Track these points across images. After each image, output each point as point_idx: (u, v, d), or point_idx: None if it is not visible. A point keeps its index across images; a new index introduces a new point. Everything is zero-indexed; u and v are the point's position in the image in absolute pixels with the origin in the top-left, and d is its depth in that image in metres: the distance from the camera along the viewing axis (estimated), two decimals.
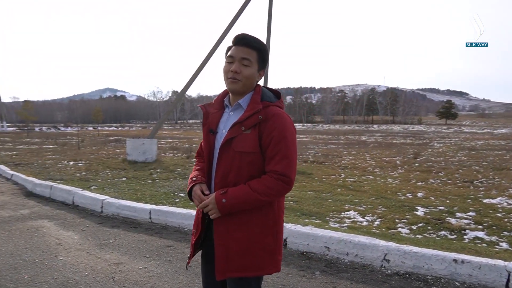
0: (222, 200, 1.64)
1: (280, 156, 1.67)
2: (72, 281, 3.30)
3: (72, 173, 9.33)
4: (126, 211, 5.40)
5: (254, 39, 1.75)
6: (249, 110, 1.72)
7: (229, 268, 1.69)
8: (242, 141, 1.68)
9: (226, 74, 1.75)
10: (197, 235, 1.83)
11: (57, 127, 63.09)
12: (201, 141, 1.94)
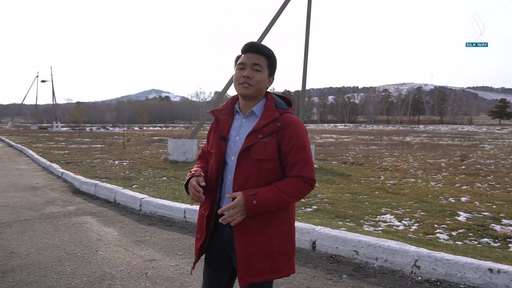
0: (253, 201, 1.65)
1: (304, 162, 1.74)
2: (108, 275, 3.49)
3: (117, 172, 9.75)
4: (162, 210, 5.59)
5: (263, 46, 1.82)
6: (265, 117, 1.75)
7: (249, 273, 1.71)
8: (261, 148, 1.71)
9: (237, 80, 1.78)
10: (201, 240, 1.84)
11: (106, 127, 66.18)
12: (204, 145, 2.02)
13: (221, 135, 1.81)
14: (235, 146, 1.77)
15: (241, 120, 1.83)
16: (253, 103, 1.81)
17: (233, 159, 1.76)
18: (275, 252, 1.74)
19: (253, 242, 1.71)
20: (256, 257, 1.71)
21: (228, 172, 1.78)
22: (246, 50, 1.79)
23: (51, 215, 5.60)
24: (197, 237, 1.88)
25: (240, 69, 1.78)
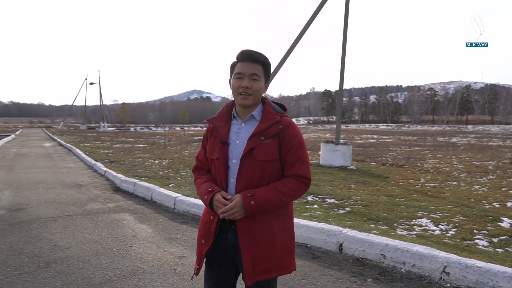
0: (251, 202, 1.72)
1: (301, 161, 1.83)
2: (140, 269, 3.63)
3: (156, 171, 10.07)
4: (195, 209, 5.73)
5: (260, 54, 1.85)
6: (266, 120, 1.82)
7: (255, 272, 1.77)
8: (263, 150, 1.78)
9: (236, 90, 1.83)
10: (208, 245, 1.86)
11: (149, 127, 68.42)
12: (198, 155, 2.04)
13: (222, 140, 1.85)
14: (236, 149, 1.83)
15: (239, 124, 1.89)
16: (252, 109, 1.88)
17: (235, 162, 1.82)
18: (279, 250, 1.81)
19: (258, 241, 1.77)
20: (261, 256, 1.77)
21: (230, 175, 1.83)
22: (243, 59, 1.83)
23: (92, 212, 5.91)
24: (201, 242, 1.90)
25: (238, 79, 1.83)
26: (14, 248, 4.21)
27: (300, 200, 6.35)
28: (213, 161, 1.89)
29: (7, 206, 6.26)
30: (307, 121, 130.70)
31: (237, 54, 1.86)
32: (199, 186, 1.93)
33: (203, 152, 2.01)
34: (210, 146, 1.92)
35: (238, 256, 1.81)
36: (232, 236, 1.82)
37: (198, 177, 2.01)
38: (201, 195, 1.89)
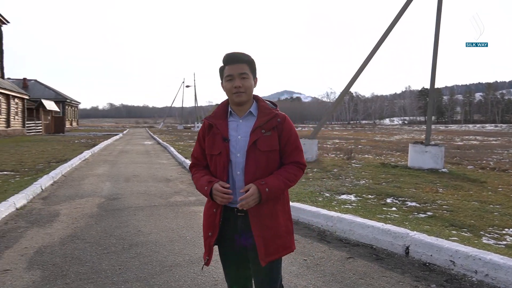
0: (266, 189, 1.87)
1: (298, 150, 2.04)
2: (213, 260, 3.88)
3: None
4: None
5: (243, 54, 1.99)
6: (264, 115, 1.99)
7: (267, 253, 1.93)
8: (266, 141, 1.94)
9: (230, 91, 1.97)
10: (214, 236, 2.00)
11: None
12: (194, 152, 2.16)
13: (223, 137, 1.97)
14: (238, 144, 1.97)
15: (238, 121, 2.03)
16: (247, 106, 2.03)
17: (239, 156, 1.95)
18: (283, 231, 1.99)
19: (267, 225, 1.94)
20: (271, 238, 1.94)
21: (236, 169, 1.96)
22: (229, 61, 1.97)
23: (175, 203, 6.42)
24: (208, 235, 2.03)
25: (230, 80, 1.97)
26: (106, 231, 4.80)
27: (377, 201, 6.12)
28: (214, 156, 2.00)
29: (107, 195, 7.10)
30: (402, 121, 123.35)
31: (223, 58, 1.99)
32: (198, 180, 2.04)
33: (199, 150, 2.12)
34: (209, 143, 2.02)
35: (249, 241, 1.96)
36: (242, 222, 1.97)
37: (196, 172, 2.12)
38: (200, 187, 2.00)
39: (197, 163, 2.16)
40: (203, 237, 2.10)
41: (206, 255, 2.07)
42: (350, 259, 3.85)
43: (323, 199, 6.34)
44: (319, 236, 4.66)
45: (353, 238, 4.45)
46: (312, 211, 5.14)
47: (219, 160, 1.98)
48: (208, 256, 2.06)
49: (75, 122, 57.96)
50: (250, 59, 2.00)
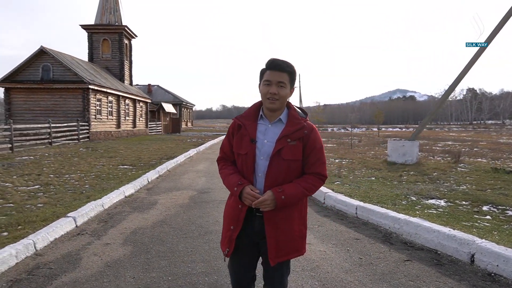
0: (282, 197, 1.96)
1: (321, 162, 2.09)
2: None
3: (332, 169, 10.48)
4: (340, 205, 5.95)
5: (286, 63, 2.03)
6: (293, 125, 2.04)
7: (278, 255, 2.03)
8: (290, 151, 2.01)
9: (265, 95, 2.04)
10: (237, 230, 2.08)
11: (346, 128, 69.36)
12: (223, 147, 2.24)
13: (251, 138, 2.05)
14: (263, 148, 2.04)
15: (267, 125, 2.09)
16: (278, 112, 2.09)
17: (262, 159, 2.03)
18: (296, 236, 2.08)
19: (281, 229, 2.03)
20: (283, 241, 2.03)
21: (258, 170, 2.04)
22: (271, 67, 2.03)
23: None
24: (230, 228, 2.11)
25: (267, 85, 2.03)
26: (190, 219, 5.45)
27: (470, 208, 5.69)
28: (241, 155, 2.09)
29: (199, 189, 7.91)
30: None
31: (266, 62, 2.06)
32: (227, 176, 2.14)
33: (228, 145, 2.21)
34: (236, 142, 2.12)
35: (263, 241, 2.06)
36: (259, 223, 2.06)
37: (224, 167, 2.21)
38: (229, 185, 2.10)
39: (225, 158, 2.25)
40: (222, 229, 2.21)
41: (226, 246, 2.14)
42: (407, 262, 3.79)
43: (407, 202, 6.13)
44: (384, 237, 4.62)
45: (419, 242, 4.32)
46: (381, 213, 5.09)
47: (245, 160, 2.06)
48: (228, 248, 2.12)
49: (190, 123, 63.35)
50: (291, 70, 2.04)
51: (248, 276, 2.22)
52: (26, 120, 22.85)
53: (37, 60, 23.39)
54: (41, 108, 23.54)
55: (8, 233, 4.41)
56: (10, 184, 7.85)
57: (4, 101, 23.77)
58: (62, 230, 4.70)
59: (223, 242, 2.17)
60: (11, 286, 3.27)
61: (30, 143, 16.50)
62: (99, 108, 25.44)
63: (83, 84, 22.92)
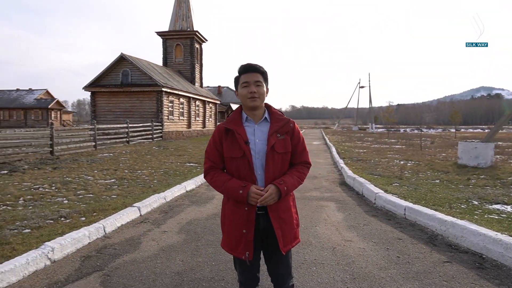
0: (284, 188, 2.14)
1: (305, 151, 2.36)
2: (307, 242, 4.45)
3: (395, 170, 10.21)
4: (389, 205, 5.91)
5: (259, 65, 2.24)
6: (278, 121, 2.26)
7: (285, 243, 2.21)
8: (281, 144, 2.22)
9: (245, 96, 2.21)
10: (251, 231, 2.17)
11: (420, 128, 65.63)
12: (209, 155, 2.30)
13: (245, 140, 2.18)
14: (257, 146, 2.19)
15: (253, 126, 2.25)
16: (260, 112, 2.28)
17: (258, 158, 2.18)
18: (295, 224, 2.31)
19: (284, 219, 2.22)
20: (287, 230, 2.23)
21: (257, 169, 2.18)
22: (246, 70, 2.22)
23: (308, 197, 7.04)
24: (242, 232, 2.17)
25: (245, 87, 2.21)
26: None
27: None
28: (235, 159, 2.19)
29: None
30: None
31: (239, 68, 2.25)
32: (225, 182, 2.18)
33: (216, 153, 2.27)
34: (227, 146, 2.21)
35: (270, 236, 2.21)
36: (263, 220, 2.20)
37: (217, 175, 2.25)
38: (231, 189, 2.15)
39: (214, 166, 2.29)
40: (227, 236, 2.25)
41: (244, 250, 2.18)
42: (446, 263, 3.76)
43: (467, 206, 5.89)
44: (428, 239, 4.57)
45: (464, 245, 4.22)
46: (428, 214, 5.00)
47: (242, 162, 2.17)
48: (248, 251, 2.17)
49: None
50: (263, 70, 2.25)
51: (255, 272, 2.34)
52: (108, 120, 25.16)
53: (118, 66, 25.63)
54: (120, 109, 25.75)
55: (85, 218, 5.11)
56: (91, 177, 8.86)
57: (90, 103, 26.43)
58: (128, 218, 5.34)
59: (237, 247, 2.21)
60: (83, 260, 3.87)
61: (110, 142, 18.17)
62: (171, 109, 27.12)
63: (157, 87, 24.64)
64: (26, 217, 5.13)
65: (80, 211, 5.47)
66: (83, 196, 6.66)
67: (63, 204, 6.02)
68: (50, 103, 57.45)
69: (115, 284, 3.32)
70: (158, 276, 3.50)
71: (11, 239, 4.17)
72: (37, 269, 3.58)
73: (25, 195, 6.65)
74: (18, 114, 57.06)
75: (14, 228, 4.59)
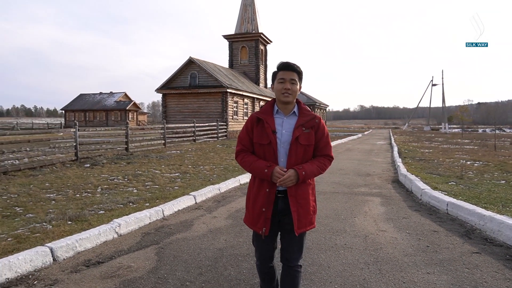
0: (302, 173, 2.36)
1: (329, 145, 2.54)
2: (342, 230, 4.74)
3: (454, 169, 9.91)
4: (433, 201, 5.96)
5: (296, 65, 2.47)
6: (305, 116, 2.47)
7: (299, 226, 2.42)
8: (305, 137, 2.43)
9: (280, 91, 2.44)
10: (270, 210, 2.42)
11: (502, 129, 60.45)
12: (242, 140, 2.57)
13: (272, 130, 2.42)
14: (283, 136, 2.44)
15: (283, 118, 2.49)
16: (290, 106, 2.50)
17: (283, 147, 2.43)
18: (311, 210, 2.48)
19: (301, 204, 2.43)
20: (303, 214, 2.44)
21: (280, 156, 2.43)
22: (284, 68, 2.46)
23: (355, 192, 7.23)
24: (262, 210, 2.43)
25: (281, 83, 2.44)
26: None
27: None
28: (263, 145, 2.46)
29: None
30: None
31: (278, 65, 2.48)
32: (253, 162, 2.46)
33: (247, 138, 2.55)
34: (257, 134, 2.48)
35: (286, 217, 2.44)
36: (282, 202, 2.44)
37: (246, 156, 2.53)
38: (258, 168, 2.42)
39: (244, 149, 2.57)
40: (250, 212, 2.51)
41: (262, 226, 2.45)
42: (475, 254, 3.86)
43: None
44: (465, 232, 4.63)
45: (500, 239, 4.23)
46: (468, 209, 5.03)
47: (268, 149, 2.43)
48: (265, 227, 2.44)
49: None
50: (300, 71, 2.47)
51: (271, 248, 2.58)
52: (178, 120, 26.87)
53: (186, 69, 27.27)
54: (189, 110, 27.35)
55: (149, 204, 5.86)
56: (159, 171, 9.80)
57: (162, 104, 28.42)
58: (184, 204, 6.02)
59: (256, 222, 2.47)
60: (143, 236, 4.55)
61: (178, 140, 19.47)
62: (236, 110, 28.19)
63: (222, 88, 25.81)
64: (102, 202, 6.01)
65: (146, 199, 6.25)
66: (150, 187, 7.49)
67: (132, 192, 6.87)
68: (128, 105, 62.30)
69: (167, 255, 3.92)
70: (203, 250, 4.05)
71: (89, 217, 5.00)
72: (106, 240, 4.34)
73: (102, 184, 7.66)
74: (101, 115, 62.68)
75: (92, 210, 5.45)
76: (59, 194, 6.68)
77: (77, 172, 9.49)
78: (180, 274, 3.43)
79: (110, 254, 3.92)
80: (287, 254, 2.52)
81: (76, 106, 64.03)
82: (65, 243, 3.85)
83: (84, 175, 8.94)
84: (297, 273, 2.53)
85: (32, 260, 3.50)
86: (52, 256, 3.70)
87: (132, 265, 3.63)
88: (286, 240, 2.51)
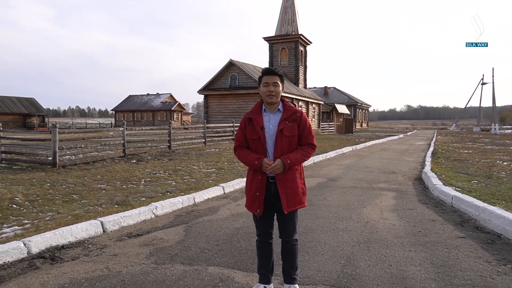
0: (288, 161, 2.77)
1: (311, 135, 2.94)
2: (347, 217, 5.30)
3: (487, 170, 9.96)
4: (442, 195, 6.42)
5: (277, 69, 2.93)
6: (288, 111, 2.91)
7: (288, 205, 2.83)
8: (289, 129, 2.85)
9: (265, 93, 2.88)
10: (263, 194, 2.84)
11: None
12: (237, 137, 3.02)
13: (260, 126, 2.86)
14: (270, 130, 2.86)
15: (269, 115, 2.93)
16: (276, 105, 2.96)
17: (271, 139, 2.85)
18: (299, 191, 2.90)
19: (288, 186, 2.84)
20: (291, 195, 2.84)
21: (269, 148, 2.86)
22: (267, 73, 2.90)
23: (373, 187, 7.71)
24: (256, 194, 2.86)
25: (266, 86, 2.88)
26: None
27: None
28: (254, 140, 2.89)
29: (330, 178, 9.18)
30: None
31: (262, 70, 2.91)
32: (247, 155, 2.89)
33: (242, 135, 2.99)
34: (249, 130, 2.91)
35: (278, 200, 2.84)
36: (274, 187, 2.85)
37: (242, 150, 2.97)
38: (250, 160, 2.85)
39: (240, 145, 3.00)
40: (248, 197, 2.94)
41: (257, 207, 2.88)
42: (460, 238, 4.35)
43: None
44: (461, 222, 5.08)
45: (489, 227, 4.67)
46: (468, 201, 5.46)
47: (258, 143, 2.85)
48: (259, 209, 2.87)
49: (365, 124, 62.94)
50: (280, 73, 2.90)
51: (269, 225, 3.00)
52: (218, 120, 28.05)
53: (227, 71, 28.39)
54: (229, 110, 28.44)
55: (184, 193, 6.72)
56: (196, 167, 10.72)
57: (204, 105, 29.74)
58: (214, 193, 6.84)
59: (253, 205, 2.91)
60: (175, 217, 5.41)
61: (217, 139, 20.49)
62: None
63: None
64: (144, 191, 6.96)
65: (182, 189, 7.12)
66: (187, 180, 8.38)
67: (171, 185, 7.78)
68: (173, 106, 64.98)
69: (193, 231, 4.73)
70: (223, 229, 4.82)
71: (132, 202, 5.93)
72: (145, 219, 5.24)
73: (145, 177, 8.66)
74: (148, 116, 65.88)
75: (135, 197, 6.40)
76: (109, 184, 7.72)
77: (124, 166, 10.63)
78: (201, 244, 4.21)
79: (147, 229, 4.79)
80: (282, 230, 2.95)
81: (125, 107, 67.81)
82: (112, 219, 4.78)
83: (130, 169, 10.04)
84: (293, 246, 2.97)
85: (88, 229, 4.43)
86: (102, 227, 4.62)
87: (164, 237, 4.46)
88: (281, 219, 2.95)
